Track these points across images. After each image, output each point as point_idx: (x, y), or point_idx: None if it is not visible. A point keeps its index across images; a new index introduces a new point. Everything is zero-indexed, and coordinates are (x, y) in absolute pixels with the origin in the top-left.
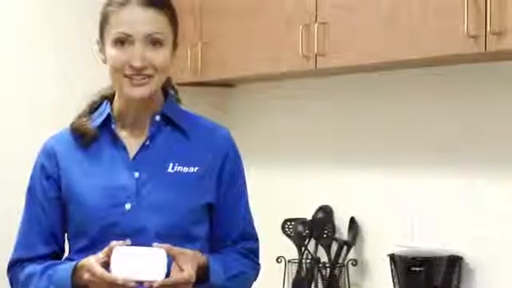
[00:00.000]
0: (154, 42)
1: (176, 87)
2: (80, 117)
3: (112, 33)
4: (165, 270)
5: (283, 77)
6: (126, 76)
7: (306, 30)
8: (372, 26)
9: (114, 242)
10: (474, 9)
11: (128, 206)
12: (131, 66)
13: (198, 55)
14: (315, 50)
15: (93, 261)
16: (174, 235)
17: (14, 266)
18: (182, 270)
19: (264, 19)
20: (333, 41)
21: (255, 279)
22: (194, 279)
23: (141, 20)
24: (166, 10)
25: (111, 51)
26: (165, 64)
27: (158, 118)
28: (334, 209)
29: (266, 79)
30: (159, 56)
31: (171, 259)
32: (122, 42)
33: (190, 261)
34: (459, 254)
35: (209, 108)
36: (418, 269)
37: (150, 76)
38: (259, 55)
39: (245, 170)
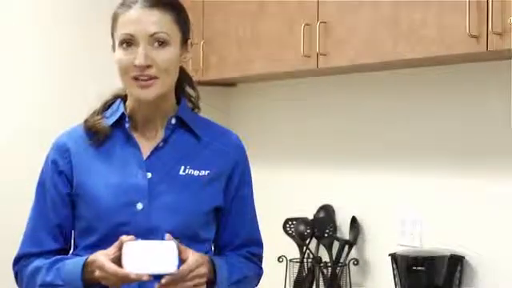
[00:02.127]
0: (159, 42)
1: (198, 93)
2: (93, 115)
3: (118, 35)
4: (176, 262)
5: (285, 76)
6: (132, 78)
7: (308, 29)
8: (373, 26)
9: (123, 237)
10: (475, 8)
11: (140, 206)
12: (135, 66)
13: (200, 54)
14: (317, 50)
15: (103, 258)
16: (184, 237)
17: (20, 260)
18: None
19: (266, 18)
20: (334, 40)
21: (257, 284)
22: (201, 263)
23: (145, 20)
24: (171, 11)
25: (118, 53)
26: (169, 64)
27: (174, 120)
28: (336, 208)
29: (267, 78)
30: (163, 56)
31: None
32: (127, 43)
33: (194, 252)
34: (461, 254)
35: (210, 107)
36: (419, 268)
37: (155, 77)
38: (261, 54)
39: None
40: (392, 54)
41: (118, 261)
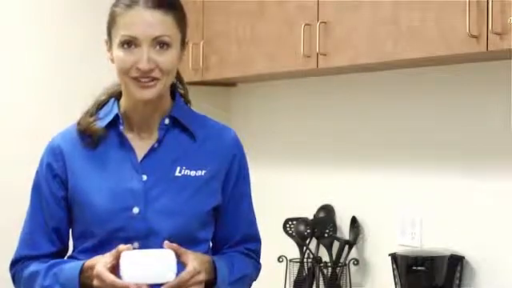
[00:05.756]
0: (161, 45)
1: (187, 87)
2: (87, 115)
3: (119, 35)
4: (175, 270)
5: (285, 76)
6: (132, 78)
7: (308, 29)
8: (373, 25)
9: (121, 246)
10: (475, 8)
11: (136, 210)
12: (138, 69)
13: (200, 54)
14: (317, 50)
15: (101, 266)
16: (182, 239)
17: (17, 263)
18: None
19: (266, 18)
20: (334, 40)
21: (256, 279)
22: (199, 271)
23: (148, 23)
24: (173, 12)
25: (118, 53)
26: (171, 66)
27: (167, 121)
28: (336, 208)
29: (267, 78)
30: (166, 58)
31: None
32: (128, 43)
33: (194, 257)
34: (461, 254)
35: (210, 107)
36: (419, 268)
37: (156, 79)
38: (261, 54)
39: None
40: (392, 54)
41: (114, 269)
